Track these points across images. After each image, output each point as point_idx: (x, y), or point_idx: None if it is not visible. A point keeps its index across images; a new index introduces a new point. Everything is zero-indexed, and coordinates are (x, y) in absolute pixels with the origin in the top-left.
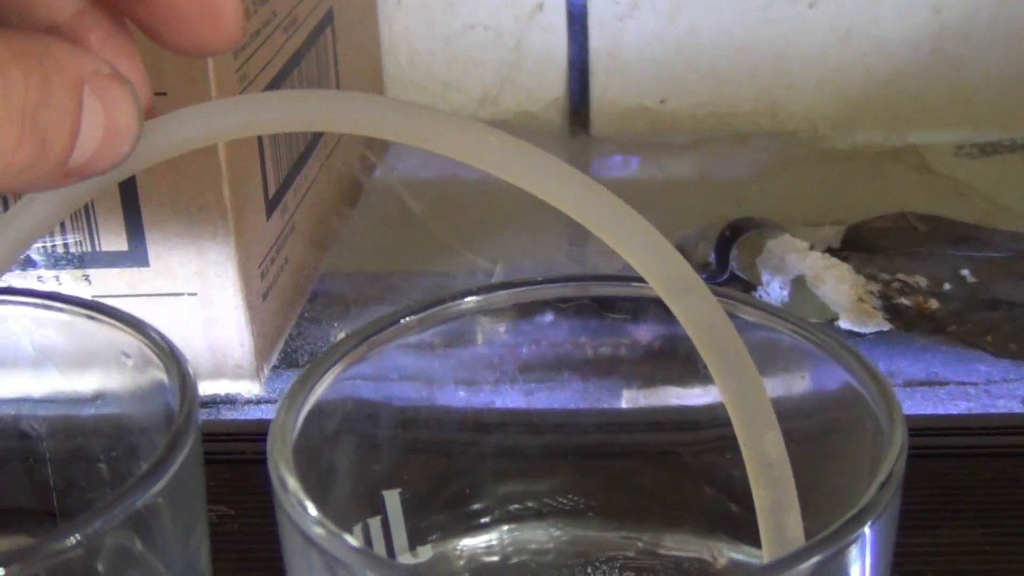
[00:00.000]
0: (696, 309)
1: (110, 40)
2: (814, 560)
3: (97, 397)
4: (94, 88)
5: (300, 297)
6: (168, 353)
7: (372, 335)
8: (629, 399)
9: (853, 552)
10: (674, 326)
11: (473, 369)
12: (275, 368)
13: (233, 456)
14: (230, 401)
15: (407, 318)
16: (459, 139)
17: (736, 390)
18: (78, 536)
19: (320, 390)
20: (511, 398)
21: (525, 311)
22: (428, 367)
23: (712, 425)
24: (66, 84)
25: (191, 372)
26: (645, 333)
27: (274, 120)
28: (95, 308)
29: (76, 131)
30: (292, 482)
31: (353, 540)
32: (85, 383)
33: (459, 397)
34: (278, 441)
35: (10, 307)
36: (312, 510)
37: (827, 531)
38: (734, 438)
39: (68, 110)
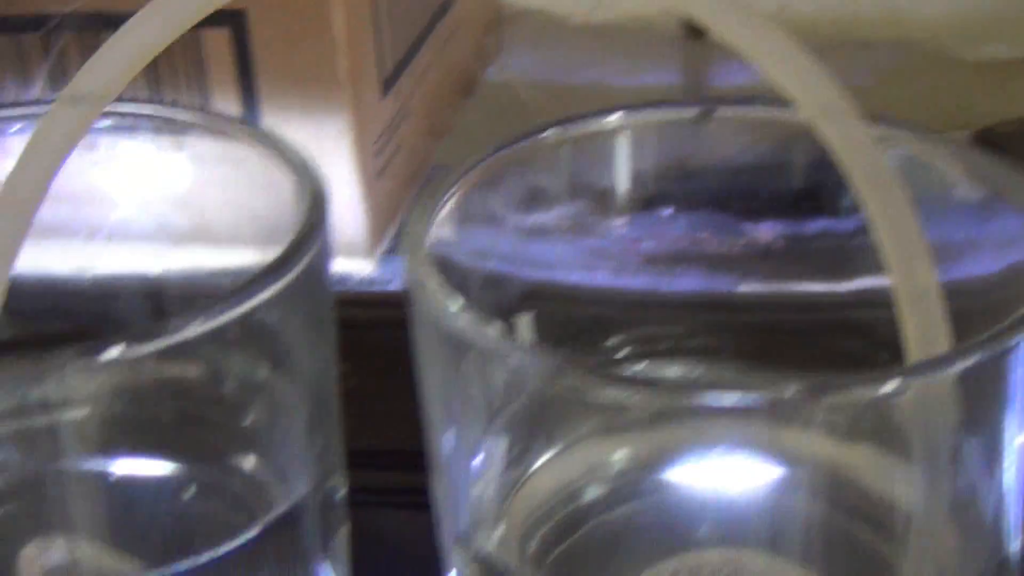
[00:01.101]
0: (846, 134)
1: None
2: (968, 362)
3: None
4: None
5: (413, 183)
6: (300, 165)
7: (502, 149)
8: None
9: (1011, 359)
10: None
11: (610, 193)
12: (387, 252)
13: (347, 322)
14: (342, 281)
15: (544, 133)
16: None
17: (885, 217)
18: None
19: (451, 204)
20: (647, 227)
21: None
22: (564, 191)
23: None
24: None
25: (319, 178)
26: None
27: None
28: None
29: None
30: (432, 282)
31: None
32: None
33: (594, 221)
34: (414, 245)
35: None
36: (454, 305)
37: (979, 337)
38: (881, 294)
39: None
